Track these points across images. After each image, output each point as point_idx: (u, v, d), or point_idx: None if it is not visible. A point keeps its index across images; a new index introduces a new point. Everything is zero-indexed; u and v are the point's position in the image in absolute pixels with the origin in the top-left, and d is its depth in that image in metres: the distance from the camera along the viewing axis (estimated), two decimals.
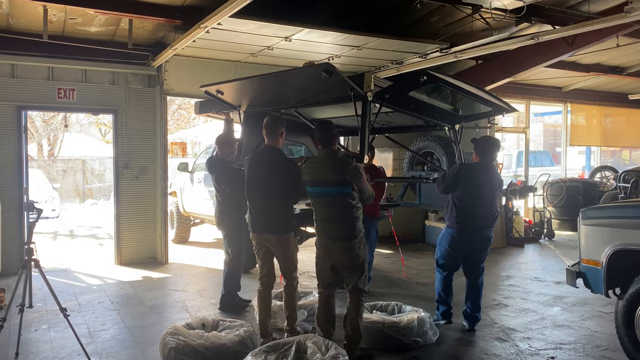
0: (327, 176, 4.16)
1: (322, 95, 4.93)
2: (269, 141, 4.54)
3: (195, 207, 9.83)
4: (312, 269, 7.74)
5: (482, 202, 4.99)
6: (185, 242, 10.63)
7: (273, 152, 4.52)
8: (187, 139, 26.89)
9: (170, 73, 8.34)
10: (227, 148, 5.79)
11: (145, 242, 8.48)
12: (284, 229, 4.53)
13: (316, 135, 4.33)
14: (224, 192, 5.65)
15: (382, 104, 4.53)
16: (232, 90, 5.52)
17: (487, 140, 5.21)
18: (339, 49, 7.68)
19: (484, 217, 5.03)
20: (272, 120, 4.56)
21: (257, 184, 4.53)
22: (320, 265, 4.37)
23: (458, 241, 5.06)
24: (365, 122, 4.40)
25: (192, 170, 10.08)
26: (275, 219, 4.49)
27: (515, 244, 10.14)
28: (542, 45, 8.53)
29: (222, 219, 5.76)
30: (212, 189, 8.75)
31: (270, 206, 4.49)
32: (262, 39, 7.09)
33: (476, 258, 5.19)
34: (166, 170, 8.53)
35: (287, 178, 4.41)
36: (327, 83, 4.25)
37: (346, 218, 4.15)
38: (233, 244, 5.76)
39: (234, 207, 5.61)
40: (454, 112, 5.35)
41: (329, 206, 4.20)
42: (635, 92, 13.18)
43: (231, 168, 5.63)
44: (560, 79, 12.31)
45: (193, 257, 9.15)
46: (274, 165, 4.45)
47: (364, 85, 4.27)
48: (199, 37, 6.79)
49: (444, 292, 5.28)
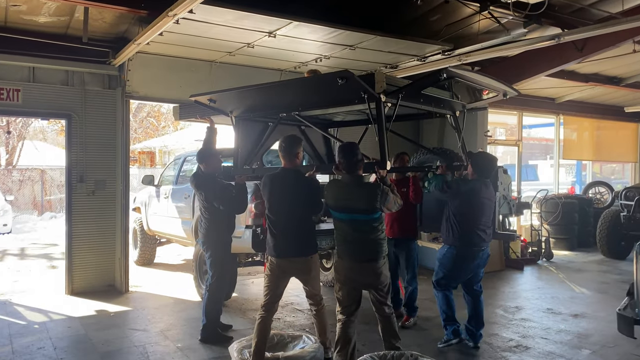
0: (354, 204, 4.08)
1: (329, 98, 4.68)
2: (287, 163, 4.42)
3: (161, 225, 8.71)
4: (296, 299, 6.84)
5: (482, 217, 4.99)
6: (149, 264, 9.49)
7: (293, 174, 4.41)
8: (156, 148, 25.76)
9: (134, 73, 7.25)
10: (212, 162, 5.35)
11: (101, 268, 7.33)
12: (313, 249, 4.46)
13: (339, 159, 4.16)
14: (214, 210, 5.24)
15: (397, 103, 4.26)
16: (226, 98, 5.23)
17: (484, 157, 5.17)
18: (329, 48, 6.75)
19: (484, 233, 5.03)
20: (288, 142, 4.44)
21: (280, 207, 4.40)
22: (344, 289, 4.22)
23: (462, 258, 5.01)
24: (381, 124, 4.16)
25: (159, 184, 8.98)
26: (302, 241, 4.40)
27: (514, 267, 9.33)
28: (548, 50, 7.82)
29: (208, 238, 5.33)
30: (181, 204, 7.88)
31: (296, 228, 4.38)
32: (242, 33, 6.11)
33: (477, 274, 5.19)
34: (127, 184, 7.42)
35: (311, 199, 4.40)
36: (336, 87, 4.01)
37: (373, 240, 4.13)
38: (216, 266, 5.33)
39: (223, 226, 5.32)
40: (456, 100, 5.15)
41: (355, 230, 4.13)
42: (630, 105, 12.63)
43: (222, 185, 5.29)
44: (555, 90, 11.67)
45: (158, 283, 8.04)
46: (296, 188, 4.35)
47: (376, 86, 3.99)
48: (168, 30, 5.78)
49: (450, 310, 5.20)
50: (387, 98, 4.12)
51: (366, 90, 4.00)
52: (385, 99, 4.10)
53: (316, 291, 4.54)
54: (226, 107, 5.39)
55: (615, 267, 9.58)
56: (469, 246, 4.99)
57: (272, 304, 4.40)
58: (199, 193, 5.31)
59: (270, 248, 4.39)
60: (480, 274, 5.22)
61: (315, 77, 4.78)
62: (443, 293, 5.18)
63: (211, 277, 5.31)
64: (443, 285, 5.17)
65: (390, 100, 4.19)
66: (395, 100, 4.23)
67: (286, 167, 4.43)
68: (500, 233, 6.17)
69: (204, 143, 5.53)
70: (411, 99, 4.49)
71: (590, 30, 5.81)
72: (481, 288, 5.30)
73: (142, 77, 7.30)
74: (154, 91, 7.43)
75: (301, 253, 4.38)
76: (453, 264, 5.06)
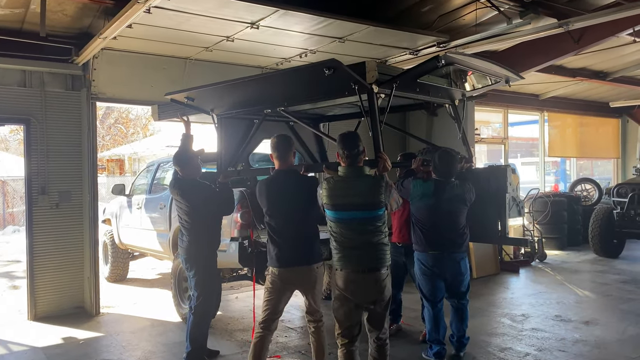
0: (355, 198, 3.58)
1: (316, 91, 4.26)
2: (282, 164, 4.08)
3: (134, 238, 8.01)
4: (288, 315, 6.26)
5: (446, 221, 4.63)
6: (122, 280, 8.77)
7: (291, 175, 4.10)
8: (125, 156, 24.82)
9: (101, 72, 6.56)
10: (192, 164, 4.82)
11: (68, 288, 6.60)
12: (318, 256, 4.08)
13: (340, 150, 3.67)
14: (199, 221, 4.70)
15: (391, 93, 3.89)
16: (204, 95, 4.84)
17: (441, 156, 4.69)
18: (316, 41, 6.21)
19: (450, 237, 4.66)
20: (283, 142, 4.10)
21: (283, 212, 4.02)
22: (344, 306, 3.64)
23: (429, 265, 4.69)
24: (374, 117, 3.80)
25: (130, 194, 8.28)
26: (307, 248, 4.02)
27: (509, 270, 8.93)
28: (543, 43, 7.47)
29: (190, 254, 4.73)
30: (156, 215, 7.20)
31: (301, 234, 4.01)
32: (222, 25, 5.52)
33: (454, 283, 4.78)
34: (96, 194, 6.71)
35: (313, 198, 3.94)
36: (324, 79, 3.70)
37: (378, 245, 3.62)
38: (202, 285, 4.73)
39: (207, 238, 4.76)
40: (455, 88, 4.75)
41: (357, 233, 3.60)
42: (614, 99, 12.46)
43: (210, 190, 4.77)
44: (539, 86, 11.40)
45: (134, 302, 7.35)
46: (297, 189, 4.02)
47: (367, 75, 3.67)
48: (138, 22, 5.19)
49: (434, 329, 4.79)
50: (380, 88, 3.77)
51: (356, 81, 3.67)
52: (377, 89, 3.75)
53: (317, 306, 4.11)
54: (206, 105, 5.03)
55: (611, 266, 9.29)
56: (434, 252, 4.66)
57: (272, 321, 4.04)
58: (184, 201, 4.72)
59: (272, 258, 4.01)
60: (460, 285, 4.79)
61: (300, 68, 4.42)
62: (429, 308, 4.82)
63: (196, 298, 4.70)
64: (426, 297, 4.82)
65: (384, 90, 3.83)
66: (388, 91, 3.87)
67: (282, 168, 4.09)
68: (511, 238, 5.74)
69: (180, 146, 4.95)
70: (406, 88, 4.15)
71: (603, 16, 5.41)
72: (467, 302, 4.89)
73: (109, 76, 6.61)
74: (123, 92, 6.75)
75: (307, 261, 4.00)
76: (423, 273, 4.76)
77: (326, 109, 5.54)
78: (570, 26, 5.37)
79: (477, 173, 5.52)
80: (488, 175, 5.07)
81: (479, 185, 4.88)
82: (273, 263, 3.98)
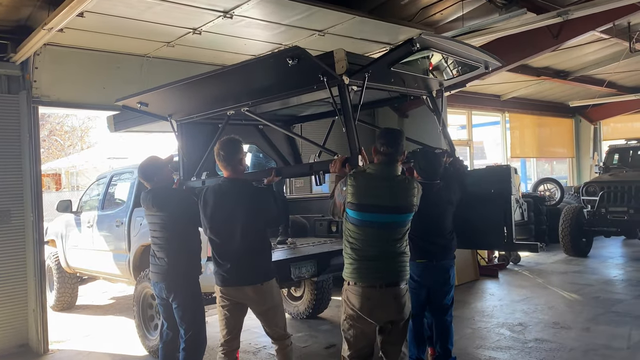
0: (387, 200, 3.20)
1: (282, 86, 3.91)
2: (228, 172, 3.70)
3: (85, 260, 7.09)
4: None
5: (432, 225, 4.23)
6: (70, 308, 7.80)
7: (237, 185, 3.69)
8: (62, 169, 23.27)
9: (43, 72, 5.69)
10: (163, 173, 4.22)
11: (10, 323, 5.64)
12: (267, 274, 3.71)
13: (381, 146, 3.27)
14: (184, 237, 4.07)
15: (363, 85, 3.55)
16: (159, 98, 4.44)
17: (425, 156, 4.31)
18: (294, 34, 5.64)
19: (440, 243, 4.30)
20: (227, 147, 3.67)
21: (223, 227, 3.67)
22: (356, 326, 3.20)
23: (416, 275, 4.20)
24: (347, 112, 3.49)
25: (78, 210, 7.35)
26: (253, 265, 3.64)
27: (488, 274, 8.63)
28: (520, 38, 7.20)
29: (172, 278, 4.04)
30: (111, 234, 6.35)
31: (245, 250, 3.62)
32: (189, 14, 4.85)
33: (439, 295, 4.36)
34: (41, 214, 5.82)
35: (264, 211, 3.72)
36: (288, 71, 3.41)
37: (400, 255, 3.27)
38: (191, 314, 4.06)
39: (192, 258, 4.13)
40: (433, 77, 4.39)
41: (382, 240, 3.21)
42: (570, 100, 12.58)
43: (189, 199, 4.11)
44: (502, 86, 11.34)
45: (87, 334, 6.46)
46: (241, 201, 3.64)
47: (337, 66, 3.35)
48: (91, 10, 4.46)
49: (413, 343, 4.30)
50: (351, 79, 3.45)
51: (325, 72, 3.35)
52: (348, 80, 3.42)
53: (278, 324, 3.74)
54: (162, 110, 4.67)
55: (585, 265, 9.21)
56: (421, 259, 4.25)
57: (232, 340, 3.75)
58: (159, 212, 4.06)
59: (216, 276, 3.71)
60: (445, 297, 4.38)
61: (261, 58, 4.03)
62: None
63: (185, 332, 4.03)
64: None
65: (355, 82, 3.51)
66: (361, 82, 3.54)
67: (229, 176, 3.72)
68: (519, 244, 5.34)
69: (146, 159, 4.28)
70: (380, 79, 3.84)
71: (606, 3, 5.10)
72: (452, 318, 4.45)
73: (53, 76, 5.76)
74: (70, 95, 5.92)
75: (251, 280, 3.64)
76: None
77: (297, 109, 5.19)
78: (570, 15, 5.06)
79: (476, 174, 5.17)
80: (489, 176, 4.68)
81: (479, 188, 4.49)
82: (216, 281, 3.70)
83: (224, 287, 3.66)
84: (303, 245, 5.49)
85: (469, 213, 4.44)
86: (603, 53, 9.55)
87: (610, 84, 11.72)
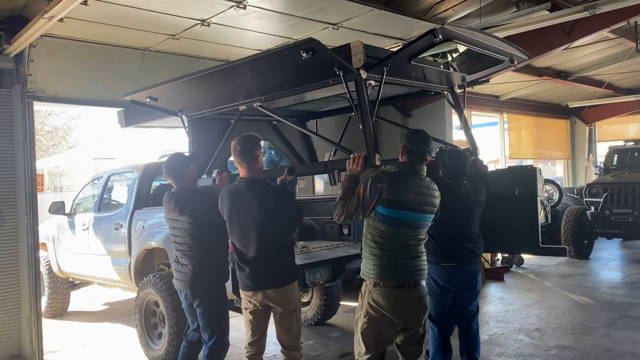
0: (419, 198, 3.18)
1: (296, 80, 3.80)
2: (246, 171, 3.57)
3: (79, 264, 6.74)
4: None
5: (460, 226, 4.03)
6: (62, 314, 7.43)
7: (257, 185, 3.57)
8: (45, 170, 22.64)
9: (40, 65, 5.35)
10: (189, 174, 3.98)
11: (2, 332, 5.29)
12: (289, 276, 3.62)
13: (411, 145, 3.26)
14: (203, 241, 3.83)
15: (382, 79, 3.44)
16: (169, 93, 4.31)
17: (452, 156, 4.07)
18: (306, 28, 5.39)
19: (468, 246, 4.07)
20: (245, 144, 3.55)
21: (246, 229, 3.55)
22: (378, 328, 3.12)
23: (442, 280, 4.03)
24: (364, 107, 3.36)
25: (72, 212, 6.99)
26: (277, 267, 3.56)
27: (494, 277, 8.47)
28: (532, 36, 7.04)
29: (197, 284, 3.88)
30: (109, 237, 6.01)
31: (266, 254, 3.52)
32: (200, 4, 4.58)
33: (465, 302, 4.13)
34: (36, 216, 5.45)
35: (284, 212, 3.59)
36: (303, 65, 3.26)
37: (423, 255, 3.26)
38: (217, 321, 3.91)
39: (218, 265, 3.90)
40: (455, 72, 4.23)
41: (411, 239, 3.18)
42: (567, 100, 12.52)
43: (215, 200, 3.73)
44: (501, 86, 11.19)
45: (82, 343, 6.12)
46: (264, 202, 3.52)
47: (354, 59, 3.23)
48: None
49: (438, 354, 4.12)
50: (369, 74, 3.34)
51: (341, 66, 3.22)
52: (366, 75, 3.31)
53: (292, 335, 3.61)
54: (173, 105, 4.53)
55: (589, 268, 9.13)
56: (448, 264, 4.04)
57: (258, 342, 3.68)
58: (184, 217, 3.83)
59: (241, 281, 3.62)
60: (471, 304, 4.17)
61: (274, 51, 3.74)
62: (434, 330, 4.18)
63: (209, 337, 3.89)
64: (432, 318, 4.12)
65: (373, 76, 3.41)
66: (379, 76, 3.43)
67: (246, 176, 3.59)
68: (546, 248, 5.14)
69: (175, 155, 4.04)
70: (399, 73, 3.70)
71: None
72: (478, 326, 4.23)
73: (50, 70, 5.43)
74: (68, 90, 5.58)
75: (273, 284, 3.56)
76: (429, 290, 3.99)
77: (312, 105, 4.99)
78: (598, 10, 4.89)
79: (499, 175, 4.97)
80: (513, 177, 4.51)
81: (503, 189, 4.32)
82: (241, 286, 3.60)
83: (247, 291, 3.59)
84: (316, 249, 5.24)
85: (492, 215, 4.23)
86: (605, 53, 9.46)
87: (608, 85, 11.69)
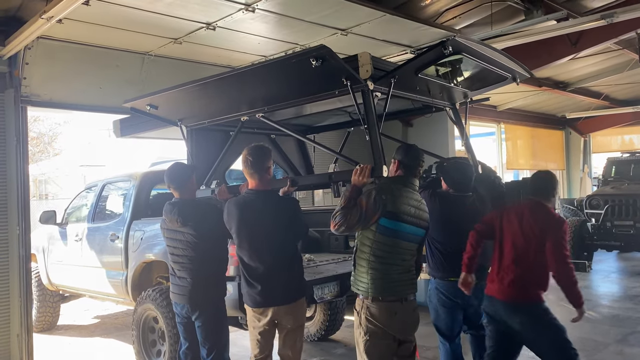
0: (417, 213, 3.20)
1: (302, 90, 3.74)
2: (257, 182, 3.48)
3: (71, 277, 6.44)
4: None
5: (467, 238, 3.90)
6: (52, 328, 7.13)
7: (268, 196, 3.50)
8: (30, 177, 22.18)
9: (35, 68, 5.11)
10: (191, 184, 3.91)
11: None
12: (299, 291, 3.56)
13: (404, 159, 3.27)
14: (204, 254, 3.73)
15: (389, 91, 3.46)
16: (170, 101, 4.23)
17: (456, 168, 4.09)
18: (314, 33, 5.23)
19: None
20: (257, 154, 3.47)
21: (258, 243, 3.45)
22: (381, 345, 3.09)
23: (451, 295, 3.96)
24: (371, 118, 3.37)
25: (64, 222, 6.72)
26: (289, 282, 3.49)
27: None
28: (538, 46, 6.98)
29: (196, 298, 3.78)
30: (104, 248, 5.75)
31: (277, 268, 3.45)
32: (207, 6, 4.41)
33: (474, 314, 4.07)
34: (28, 227, 5.20)
35: (293, 224, 3.52)
36: (310, 73, 3.25)
37: (413, 268, 3.28)
38: (216, 335, 3.84)
39: (217, 279, 3.84)
40: (458, 88, 4.21)
41: (409, 253, 3.22)
42: (563, 111, 12.51)
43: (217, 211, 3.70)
44: (500, 96, 11.13)
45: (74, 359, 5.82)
46: (276, 214, 3.46)
47: (361, 70, 3.24)
48: None
49: None
50: (376, 86, 3.35)
51: (349, 76, 3.22)
52: (373, 86, 3.32)
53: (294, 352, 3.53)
54: (173, 114, 4.46)
55: (590, 280, 9.01)
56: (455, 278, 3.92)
57: (267, 357, 3.60)
58: (187, 229, 3.72)
59: (250, 297, 3.49)
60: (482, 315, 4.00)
61: (283, 58, 3.65)
62: (444, 345, 4.12)
63: (208, 352, 3.80)
64: (441, 332, 4.12)
65: (380, 88, 3.41)
66: (386, 89, 3.44)
67: (256, 187, 3.49)
68: None
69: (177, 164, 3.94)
70: (406, 86, 3.71)
71: None
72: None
73: (45, 73, 5.20)
74: (64, 94, 5.37)
75: (283, 300, 3.48)
76: (440, 304, 4.10)
77: (312, 119, 4.98)
78: (616, 18, 4.80)
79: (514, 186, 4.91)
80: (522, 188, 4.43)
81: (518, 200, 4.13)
82: (248, 302, 3.49)
83: (256, 308, 3.48)
84: (323, 262, 5.05)
85: None
86: (606, 64, 9.45)
87: (604, 97, 11.70)
